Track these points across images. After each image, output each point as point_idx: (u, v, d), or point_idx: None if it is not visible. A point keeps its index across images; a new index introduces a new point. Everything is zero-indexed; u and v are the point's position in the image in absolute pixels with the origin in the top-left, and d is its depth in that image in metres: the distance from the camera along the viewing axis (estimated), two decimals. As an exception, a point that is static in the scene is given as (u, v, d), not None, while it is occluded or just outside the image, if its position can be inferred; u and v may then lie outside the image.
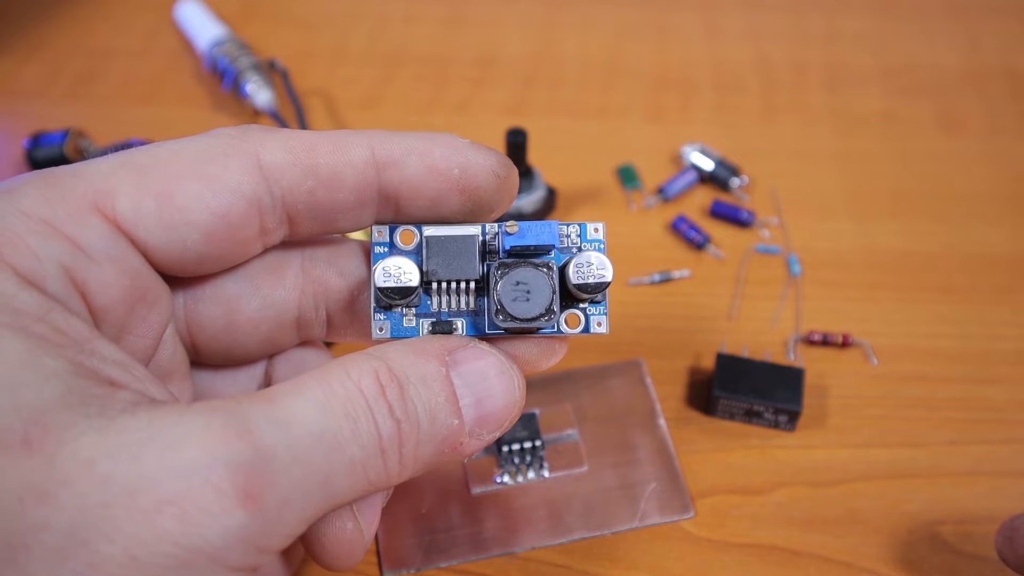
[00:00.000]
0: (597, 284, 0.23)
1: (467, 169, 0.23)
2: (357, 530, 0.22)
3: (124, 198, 0.21)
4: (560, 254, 0.24)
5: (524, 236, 0.23)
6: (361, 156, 0.22)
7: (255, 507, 0.18)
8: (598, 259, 0.23)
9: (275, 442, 0.18)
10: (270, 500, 0.18)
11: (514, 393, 0.22)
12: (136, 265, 0.21)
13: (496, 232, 0.23)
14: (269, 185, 0.22)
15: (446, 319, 0.23)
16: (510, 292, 0.22)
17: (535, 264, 0.23)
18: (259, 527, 0.18)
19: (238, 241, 0.22)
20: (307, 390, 0.20)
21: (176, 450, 0.17)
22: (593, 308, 0.24)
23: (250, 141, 0.22)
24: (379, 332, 0.23)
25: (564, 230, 0.24)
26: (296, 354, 0.26)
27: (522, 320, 0.22)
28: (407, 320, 0.23)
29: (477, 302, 0.23)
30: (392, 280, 0.22)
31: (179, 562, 0.17)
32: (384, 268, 0.22)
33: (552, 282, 0.22)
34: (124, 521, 0.17)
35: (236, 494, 0.17)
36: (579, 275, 0.23)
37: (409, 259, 0.23)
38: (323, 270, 0.25)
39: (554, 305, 0.22)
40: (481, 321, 0.23)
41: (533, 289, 0.22)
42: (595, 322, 0.24)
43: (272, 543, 0.19)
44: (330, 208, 0.23)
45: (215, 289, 0.24)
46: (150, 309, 0.22)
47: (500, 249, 0.23)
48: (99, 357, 0.19)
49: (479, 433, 0.22)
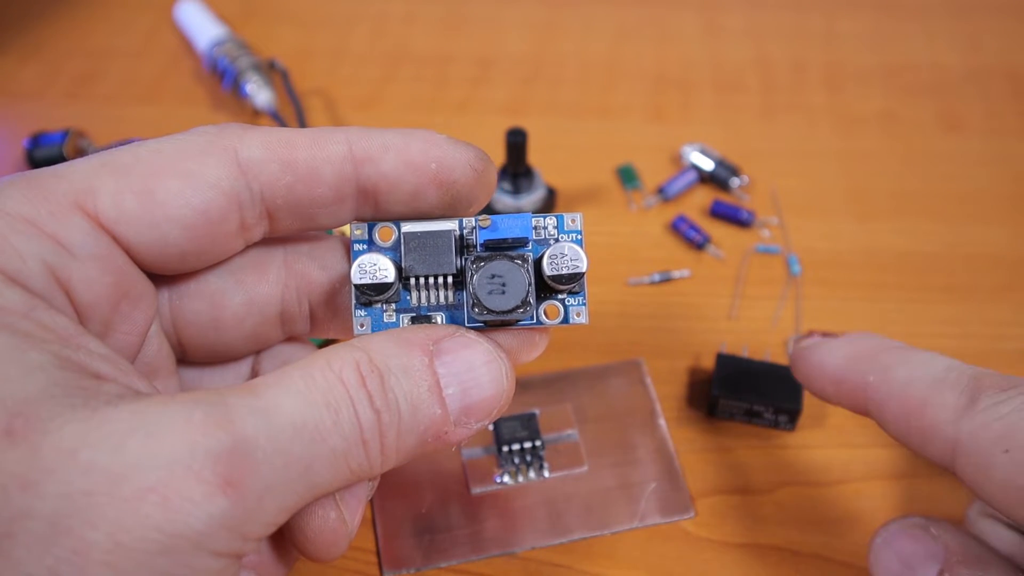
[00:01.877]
0: (571, 275, 0.23)
1: (444, 163, 0.23)
2: (340, 520, 0.22)
3: (105, 196, 0.21)
4: (538, 246, 0.24)
5: (497, 230, 0.23)
6: (338, 151, 0.23)
7: (236, 494, 0.18)
8: (571, 250, 0.23)
9: (256, 432, 0.19)
10: (251, 488, 0.18)
11: (502, 382, 0.22)
12: (119, 262, 0.22)
13: (473, 226, 0.24)
14: (248, 180, 0.22)
15: (425, 313, 0.23)
16: (486, 285, 0.22)
17: (510, 257, 0.23)
18: (241, 514, 0.18)
19: (219, 237, 0.23)
20: (289, 381, 0.20)
21: (158, 439, 0.18)
22: (572, 299, 0.24)
23: (228, 138, 0.22)
24: (360, 328, 0.23)
25: (540, 222, 0.24)
26: (282, 350, 0.27)
27: (498, 313, 0.22)
28: (387, 315, 0.23)
29: (456, 296, 0.23)
30: (368, 277, 0.23)
31: (162, 547, 0.17)
32: (360, 265, 0.23)
33: (527, 274, 0.22)
34: (107, 508, 0.17)
35: (217, 481, 0.18)
36: (553, 266, 0.23)
37: (385, 255, 0.23)
38: (305, 265, 0.25)
39: (530, 297, 0.22)
40: (459, 315, 0.23)
41: (509, 282, 0.22)
42: (574, 312, 0.24)
43: (255, 530, 0.19)
44: (309, 203, 0.23)
45: (199, 285, 0.24)
46: (134, 306, 0.22)
47: (476, 243, 0.23)
48: (84, 351, 0.19)
49: (465, 422, 0.22)
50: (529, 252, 0.23)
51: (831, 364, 0.26)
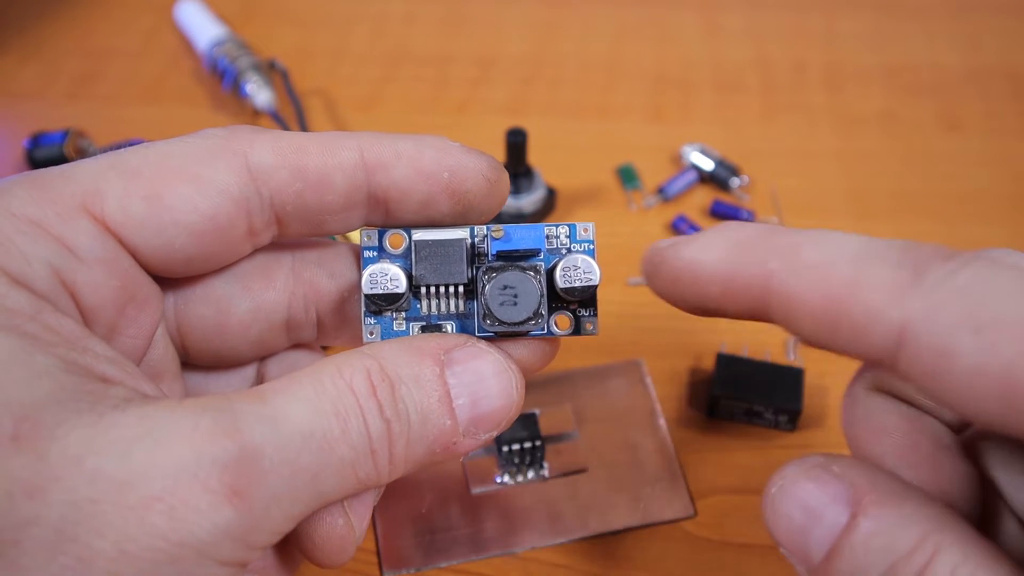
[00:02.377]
0: (584, 288, 0.23)
1: (457, 173, 0.23)
2: (348, 526, 0.22)
3: (113, 199, 0.21)
4: (549, 255, 0.23)
5: (510, 240, 0.23)
6: (350, 158, 0.22)
7: (242, 504, 0.18)
8: (584, 262, 0.23)
9: (264, 441, 0.18)
10: (258, 497, 0.18)
11: (511, 393, 0.22)
12: (125, 266, 0.21)
13: (485, 235, 0.23)
14: (257, 186, 0.22)
15: (436, 322, 0.23)
16: (497, 296, 0.22)
17: (522, 268, 0.23)
18: (247, 523, 0.18)
19: (226, 242, 0.22)
20: (298, 388, 0.20)
21: (165, 447, 0.18)
22: (583, 310, 0.24)
23: (238, 142, 0.22)
24: (369, 336, 0.23)
25: (553, 231, 0.23)
26: (289, 356, 0.27)
27: (509, 324, 0.22)
28: (397, 324, 0.23)
29: (466, 305, 0.23)
30: (379, 287, 0.22)
31: (168, 556, 0.17)
32: (371, 275, 0.22)
33: (539, 286, 0.22)
34: (113, 516, 0.17)
35: (224, 491, 0.18)
36: (566, 279, 0.23)
37: (396, 265, 0.23)
38: (313, 272, 0.25)
39: (542, 309, 0.22)
40: (470, 324, 0.23)
41: (520, 293, 0.22)
42: (586, 324, 0.24)
43: (260, 539, 0.19)
44: (319, 210, 0.23)
45: (205, 290, 0.24)
46: (140, 310, 0.22)
47: (488, 252, 0.23)
48: (91, 354, 0.19)
49: (474, 433, 0.22)
50: (541, 263, 0.23)
51: (710, 258, 0.20)
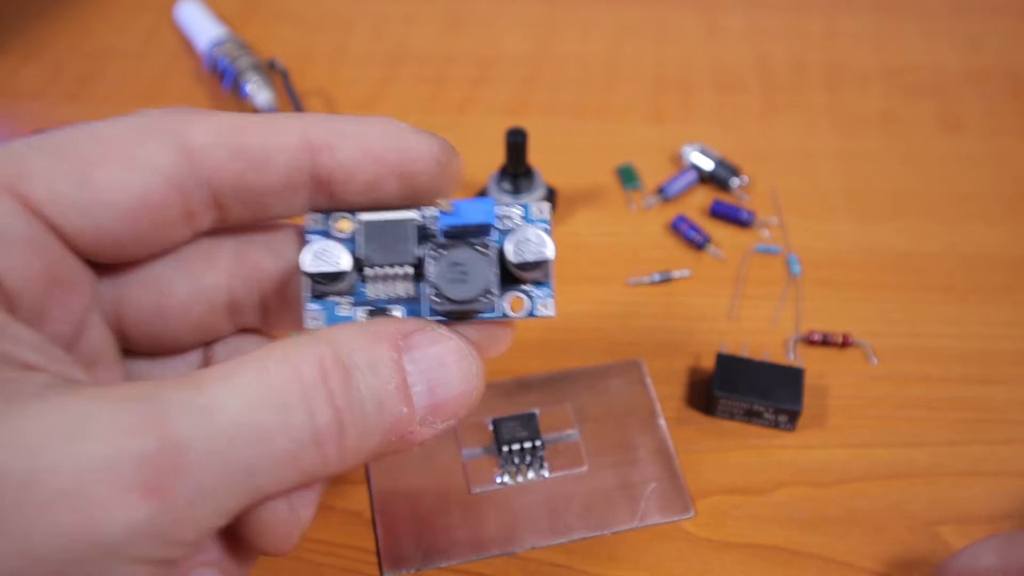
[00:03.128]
0: (536, 262, 0.22)
1: (405, 153, 0.22)
2: (291, 513, 0.21)
3: (38, 179, 0.20)
4: (503, 237, 0.22)
5: (459, 215, 0.22)
6: (293, 138, 0.22)
7: (160, 501, 0.17)
8: (536, 235, 0.22)
9: (191, 432, 0.18)
10: (180, 492, 0.17)
11: (471, 380, 0.21)
12: (51, 247, 0.21)
13: (436, 216, 0.22)
14: (194, 166, 0.21)
15: (383, 306, 0.22)
16: (447, 273, 0.21)
17: (473, 244, 0.22)
18: (167, 520, 0.17)
19: (160, 224, 0.22)
20: (239, 375, 0.19)
21: (79, 442, 0.17)
22: (538, 290, 0.22)
23: (174, 122, 0.21)
24: (312, 322, 0.22)
25: (507, 211, 0.23)
26: (237, 340, 0.25)
27: (459, 302, 0.21)
28: (342, 309, 0.22)
29: (415, 289, 0.22)
30: (320, 265, 0.21)
31: (75, 556, 0.17)
32: (312, 253, 0.21)
33: (491, 262, 0.22)
34: (17, 515, 0.16)
35: (139, 488, 0.17)
36: (518, 253, 0.22)
37: (342, 245, 0.22)
38: (257, 254, 0.24)
39: (492, 287, 0.21)
40: (419, 308, 0.22)
41: (471, 270, 0.21)
42: (540, 304, 0.22)
43: (186, 535, 0.18)
44: (260, 192, 0.22)
45: (143, 274, 0.23)
46: (69, 293, 0.21)
47: (438, 229, 0.22)
48: (11, 340, 0.18)
49: (431, 422, 0.21)
50: (494, 241, 0.22)
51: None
